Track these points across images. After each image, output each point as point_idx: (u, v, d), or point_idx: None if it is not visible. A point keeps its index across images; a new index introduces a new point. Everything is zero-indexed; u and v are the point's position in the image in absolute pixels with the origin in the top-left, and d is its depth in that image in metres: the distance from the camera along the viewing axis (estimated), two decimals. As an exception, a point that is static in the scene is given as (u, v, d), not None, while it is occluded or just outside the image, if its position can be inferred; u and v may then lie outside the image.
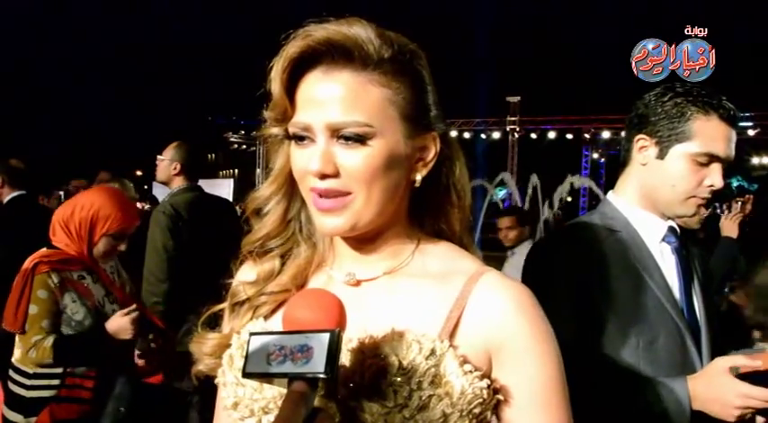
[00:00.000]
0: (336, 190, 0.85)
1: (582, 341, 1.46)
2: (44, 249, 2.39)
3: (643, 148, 1.61)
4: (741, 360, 1.39)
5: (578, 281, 1.51)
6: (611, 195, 1.71)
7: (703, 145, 1.53)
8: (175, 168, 3.43)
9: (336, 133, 0.84)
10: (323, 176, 0.84)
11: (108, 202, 2.42)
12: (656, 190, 1.60)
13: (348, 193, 0.85)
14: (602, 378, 1.47)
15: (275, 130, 0.92)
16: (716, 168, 1.54)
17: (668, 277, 1.58)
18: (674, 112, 1.55)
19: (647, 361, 1.49)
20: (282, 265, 0.98)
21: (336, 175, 0.85)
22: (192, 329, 1.03)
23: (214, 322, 1.03)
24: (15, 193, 4.22)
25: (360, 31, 0.85)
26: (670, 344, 1.52)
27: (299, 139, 0.87)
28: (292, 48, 0.85)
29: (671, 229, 1.62)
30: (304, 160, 0.86)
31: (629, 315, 1.51)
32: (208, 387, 1.03)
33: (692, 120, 1.53)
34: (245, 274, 1.00)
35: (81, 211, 2.39)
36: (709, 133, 1.53)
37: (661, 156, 1.58)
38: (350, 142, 0.84)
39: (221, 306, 1.01)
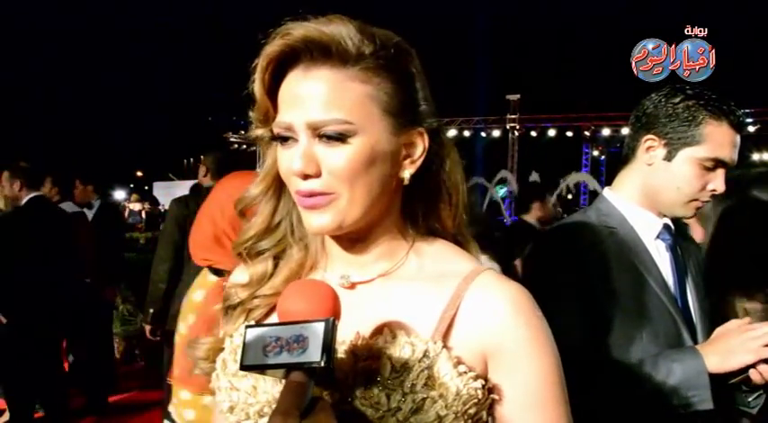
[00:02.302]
0: (319, 191, 0.83)
1: (588, 339, 1.46)
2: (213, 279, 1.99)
3: (650, 149, 1.60)
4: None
5: (580, 279, 1.51)
6: (607, 192, 1.71)
7: (712, 150, 1.53)
8: (202, 171, 4.26)
9: (317, 132, 0.82)
10: (305, 177, 0.83)
11: (226, 195, 2.00)
12: (659, 191, 1.60)
13: (331, 193, 0.84)
14: (613, 374, 1.48)
15: (260, 132, 0.90)
16: (720, 173, 1.55)
17: (664, 274, 1.59)
18: (686, 116, 1.55)
19: (649, 355, 1.50)
20: (275, 267, 0.97)
21: (318, 174, 0.83)
22: None
23: None
24: (33, 195, 4.26)
25: (339, 28, 0.83)
26: (668, 339, 1.53)
27: (283, 139, 0.86)
28: (271, 47, 0.84)
29: (666, 226, 1.63)
30: (288, 161, 0.85)
31: (631, 312, 1.51)
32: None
33: (704, 124, 1.53)
34: (238, 277, 0.99)
35: (218, 227, 2.02)
36: (719, 139, 1.53)
37: (669, 158, 1.57)
38: (331, 141, 0.82)
39: (216, 308, 1.00)
